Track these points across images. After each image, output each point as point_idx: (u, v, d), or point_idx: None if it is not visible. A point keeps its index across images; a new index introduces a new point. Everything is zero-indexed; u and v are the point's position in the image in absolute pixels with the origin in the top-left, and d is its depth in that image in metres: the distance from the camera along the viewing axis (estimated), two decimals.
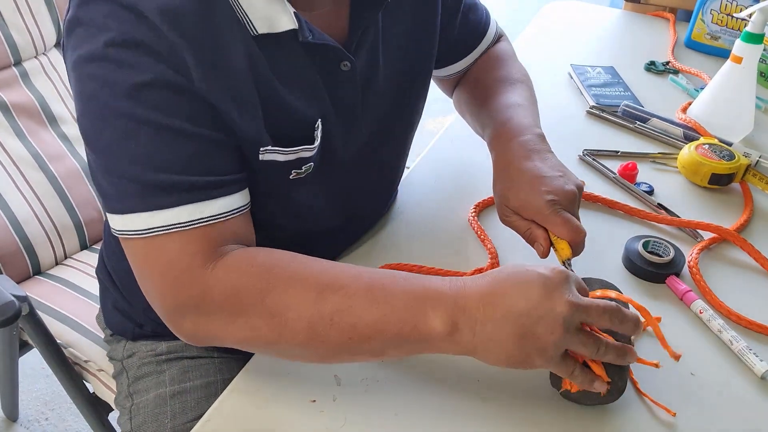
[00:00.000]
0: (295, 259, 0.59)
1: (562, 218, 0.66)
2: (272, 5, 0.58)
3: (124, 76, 0.54)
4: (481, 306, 0.53)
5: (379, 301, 0.55)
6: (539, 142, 0.74)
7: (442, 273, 0.76)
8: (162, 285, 0.59)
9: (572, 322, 0.53)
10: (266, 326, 0.56)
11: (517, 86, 0.85)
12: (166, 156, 0.57)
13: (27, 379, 1.53)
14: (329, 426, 0.60)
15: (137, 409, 0.82)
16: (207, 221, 0.58)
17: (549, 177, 0.69)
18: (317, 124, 0.65)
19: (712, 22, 1.33)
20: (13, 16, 1.04)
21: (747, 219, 0.88)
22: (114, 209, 0.58)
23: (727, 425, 0.62)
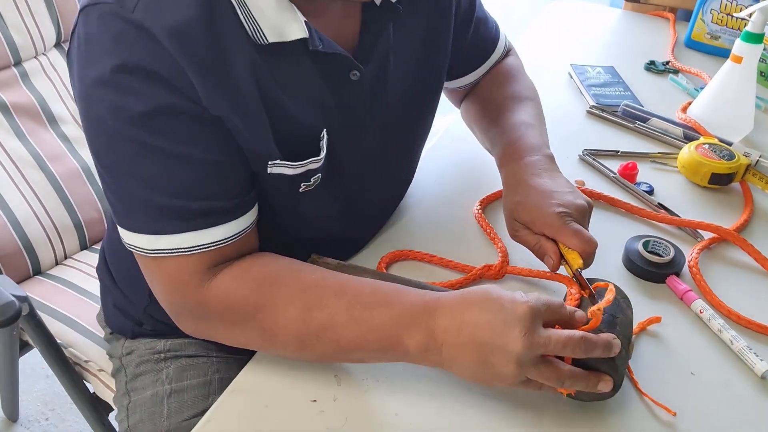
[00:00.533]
0: (284, 273, 0.62)
1: (573, 229, 0.67)
2: (283, 14, 0.58)
3: (132, 103, 0.55)
4: (448, 329, 0.56)
5: (359, 321, 0.59)
6: (548, 163, 0.76)
7: (452, 265, 0.77)
8: (165, 293, 0.64)
9: (527, 358, 0.54)
10: (259, 338, 0.62)
11: (526, 104, 0.85)
12: (172, 182, 0.58)
13: (27, 380, 1.53)
14: (330, 426, 0.60)
15: (134, 406, 0.82)
16: (210, 246, 0.61)
17: (559, 192, 0.70)
18: (322, 134, 0.65)
19: (712, 21, 1.33)
20: (12, 16, 1.04)
21: (747, 219, 0.88)
22: (123, 224, 0.62)
23: (727, 425, 0.62)
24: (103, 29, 0.55)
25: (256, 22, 0.57)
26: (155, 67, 0.54)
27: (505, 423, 0.60)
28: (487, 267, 0.76)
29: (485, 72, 0.90)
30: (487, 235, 0.82)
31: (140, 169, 0.58)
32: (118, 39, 0.54)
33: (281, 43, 0.59)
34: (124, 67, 0.54)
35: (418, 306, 0.58)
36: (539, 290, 0.75)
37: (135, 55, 0.54)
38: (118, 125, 0.56)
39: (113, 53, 0.54)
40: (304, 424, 0.60)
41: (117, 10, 0.54)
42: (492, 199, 0.89)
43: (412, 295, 0.60)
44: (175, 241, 0.59)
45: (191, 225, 0.59)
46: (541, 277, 0.75)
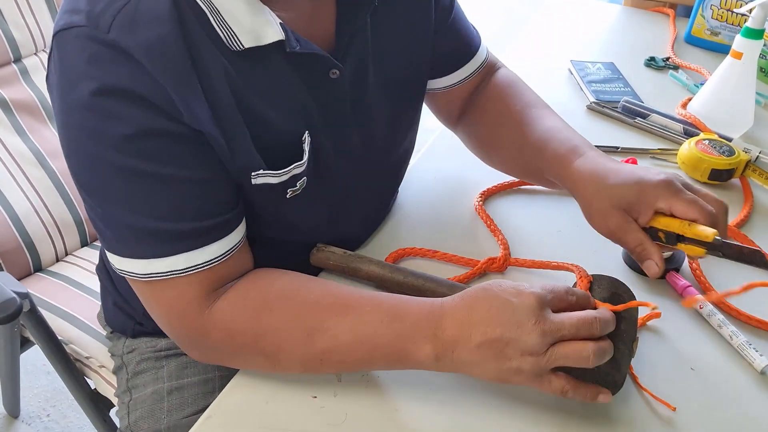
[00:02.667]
0: (282, 296, 0.61)
1: (688, 196, 0.62)
2: (257, 17, 0.57)
3: (111, 127, 0.54)
4: (457, 334, 0.56)
5: (364, 341, 0.58)
6: (604, 155, 0.70)
7: (455, 260, 0.77)
8: (166, 323, 0.63)
9: (543, 346, 0.54)
10: (263, 364, 0.62)
11: (547, 110, 0.80)
12: (159, 205, 0.57)
13: (28, 376, 1.53)
14: (330, 422, 0.60)
15: (135, 404, 0.82)
16: (204, 266, 0.60)
17: (645, 169, 0.65)
18: (304, 137, 0.64)
19: (712, 17, 1.33)
20: (12, 13, 1.04)
21: (747, 214, 0.88)
22: (113, 250, 0.60)
23: (727, 420, 0.62)
24: (78, 52, 0.54)
25: (230, 28, 0.56)
26: (134, 87, 0.53)
27: (505, 417, 0.60)
28: (491, 260, 0.76)
29: (470, 76, 0.83)
30: (488, 227, 0.82)
31: (126, 193, 0.56)
32: (94, 61, 0.53)
33: (257, 47, 0.57)
34: (102, 90, 0.53)
35: (422, 316, 0.58)
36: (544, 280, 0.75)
37: (113, 76, 0.53)
38: (100, 150, 0.55)
39: (91, 77, 0.53)
40: (305, 420, 0.60)
41: (91, 32, 0.53)
42: (493, 192, 0.89)
43: (414, 305, 0.59)
44: (168, 264, 0.58)
45: (183, 246, 0.58)
46: (545, 268, 0.75)
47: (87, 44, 0.53)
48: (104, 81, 0.53)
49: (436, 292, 0.69)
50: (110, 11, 0.53)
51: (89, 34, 0.53)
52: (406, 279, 0.71)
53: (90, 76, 0.53)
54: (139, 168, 0.55)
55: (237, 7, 0.56)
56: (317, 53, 0.61)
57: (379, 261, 0.73)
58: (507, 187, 0.91)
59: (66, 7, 0.56)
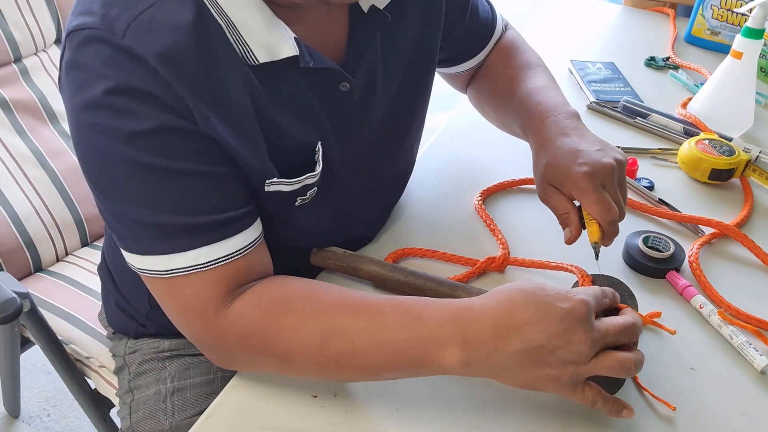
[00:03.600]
0: (298, 297, 0.60)
1: (598, 195, 0.65)
2: (272, 32, 0.57)
3: (125, 124, 0.54)
4: (494, 338, 0.53)
5: (383, 345, 0.55)
6: (574, 120, 0.73)
7: (454, 260, 0.77)
8: (184, 324, 0.62)
9: (589, 355, 0.52)
10: (277, 367, 0.60)
11: (537, 71, 0.84)
12: (178, 199, 0.56)
13: (28, 376, 1.53)
14: (330, 421, 0.60)
15: (137, 404, 0.82)
16: (226, 260, 0.59)
17: (586, 151, 0.68)
18: (317, 148, 0.64)
19: (712, 17, 1.33)
20: (12, 12, 1.04)
21: (747, 214, 0.88)
22: (131, 249, 0.59)
23: (727, 419, 0.62)
24: (91, 54, 0.53)
25: (246, 43, 0.56)
26: (149, 88, 0.53)
27: (506, 417, 0.60)
28: (490, 259, 0.76)
29: (487, 53, 0.88)
30: (488, 227, 0.83)
31: (142, 190, 0.56)
32: (108, 63, 0.53)
33: (272, 62, 0.58)
34: (116, 89, 0.53)
35: (448, 318, 0.54)
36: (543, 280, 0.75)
37: (127, 77, 0.52)
38: (114, 148, 0.54)
39: (104, 76, 0.53)
40: (305, 419, 0.60)
41: (105, 36, 0.52)
42: (493, 191, 0.90)
43: (438, 306, 0.56)
44: (190, 258, 0.57)
45: (204, 239, 0.57)
46: (543, 268, 0.75)
47: (100, 47, 0.53)
48: (118, 81, 0.53)
49: (437, 292, 0.69)
50: (126, 16, 0.53)
51: (103, 37, 0.53)
52: (406, 278, 0.71)
53: (103, 76, 0.53)
54: (154, 163, 0.55)
55: (253, 22, 0.56)
56: (330, 68, 0.61)
57: (379, 261, 0.73)
58: (507, 186, 0.91)
59: (79, 8, 0.56)
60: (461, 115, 1.08)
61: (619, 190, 0.67)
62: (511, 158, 0.96)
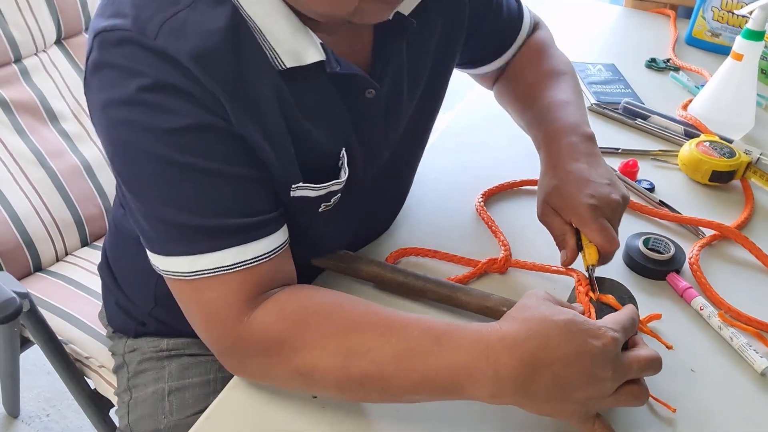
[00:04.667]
0: (322, 311, 0.58)
1: (600, 224, 0.65)
2: (298, 37, 0.57)
3: (160, 121, 0.53)
4: (523, 375, 0.52)
5: (409, 371, 0.54)
6: (589, 146, 0.73)
7: (456, 260, 0.77)
8: (204, 328, 0.60)
9: (611, 390, 0.53)
10: (297, 382, 0.58)
11: (561, 80, 0.83)
12: (209, 200, 0.56)
13: (28, 376, 1.53)
14: (331, 422, 0.60)
15: (135, 403, 0.82)
16: (251, 263, 0.58)
17: (596, 182, 0.68)
18: (342, 154, 0.64)
19: (712, 19, 1.33)
20: (12, 13, 1.04)
21: (748, 216, 0.88)
22: (157, 251, 0.58)
23: (727, 421, 0.62)
24: (123, 55, 0.53)
25: (273, 48, 0.56)
26: (184, 86, 0.52)
27: (506, 417, 0.60)
28: (492, 261, 0.76)
29: (514, 52, 0.87)
30: (489, 228, 0.83)
31: (174, 189, 0.55)
32: (141, 63, 0.52)
33: (299, 67, 0.58)
34: (150, 86, 0.52)
35: (480, 348, 0.53)
36: (543, 283, 0.75)
37: (161, 74, 0.52)
38: (148, 146, 0.54)
39: (138, 74, 0.52)
40: (306, 420, 0.60)
41: (137, 37, 0.52)
42: (494, 192, 0.90)
43: (469, 333, 0.54)
44: (216, 259, 0.57)
45: (231, 241, 0.57)
46: (545, 271, 0.75)
47: (133, 48, 0.52)
48: (152, 77, 0.52)
49: (437, 293, 0.69)
50: (158, 18, 0.52)
51: (134, 39, 0.52)
52: (406, 280, 0.71)
53: (137, 74, 0.53)
54: (186, 162, 0.54)
55: (280, 27, 0.56)
56: (356, 74, 0.61)
57: (380, 262, 0.73)
58: (508, 188, 0.91)
59: (108, 10, 0.55)
60: (462, 116, 1.08)
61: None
62: (512, 159, 0.96)
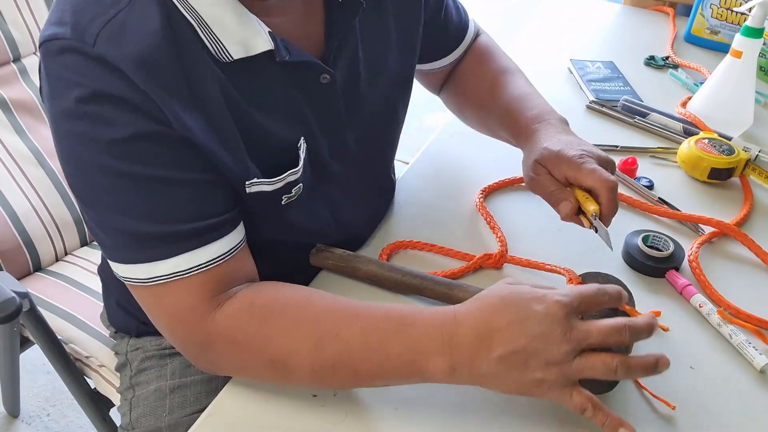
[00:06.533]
0: (290, 302, 0.59)
1: (592, 167, 0.66)
2: (246, 27, 0.56)
3: (102, 132, 0.53)
4: (476, 345, 0.53)
5: (375, 350, 0.56)
6: (566, 126, 0.75)
7: (452, 254, 0.77)
8: (169, 331, 0.61)
9: (568, 357, 0.52)
10: (271, 374, 0.59)
11: (517, 76, 0.85)
12: (160, 207, 0.56)
13: (28, 375, 1.53)
14: (330, 420, 0.60)
15: (137, 401, 0.82)
16: (207, 266, 0.59)
17: (583, 143, 0.70)
18: (300, 144, 0.64)
19: (711, 16, 1.33)
20: (11, 12, 1.04)
21: (747, 213, 0.88)
22: (113, 258, 0.59)
23: (727, 418, 0.62)
24: (63, 64, 0.53)
25: (219, 40, 0.56)
26: (122, 94, 0.52)
27: (505, 416, 0.60)
28: (487, 256, 0.76)
29: (461, 54, 0.89)
30: (488, 224, 0.83)
31: (122, 199, 0.56)
32: (80, 72, 0.53)
33: (247, 58, 0.57)
34: (91, 97, 0.52)
35: (434, 326, 0.55)
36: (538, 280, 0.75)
37: (101, 84, 0.52)
38: (93, 157, 0.54)
39: (77, 84, 0.53)
40: (305, 418, 0.60)
41: (76, 45, 0.52)
42: (494, 188, 0.90)
43: (427, 314, 0.56)
44: (171, 266, 0.57)
45: (183, 246, 0.57)
46: (540, 269, 0.75)
47: (72, 57, 0.53)
48: (92, 88, 0.52)
49: (434, 291, 0.69)
50: (96, 24, 0.52)
51: (74, 47, 0.52)
52: (403, 278, 0.71)
53: (76, 83, 0.53)
54: (133, 172, 0.55)
55: (225, 18, 0.56)
56: (307, 60, 0.61)
57: (378, 260, 0.73)
58: (509, 184, 0.91)
59: (51, 18, 0.55)
60: None
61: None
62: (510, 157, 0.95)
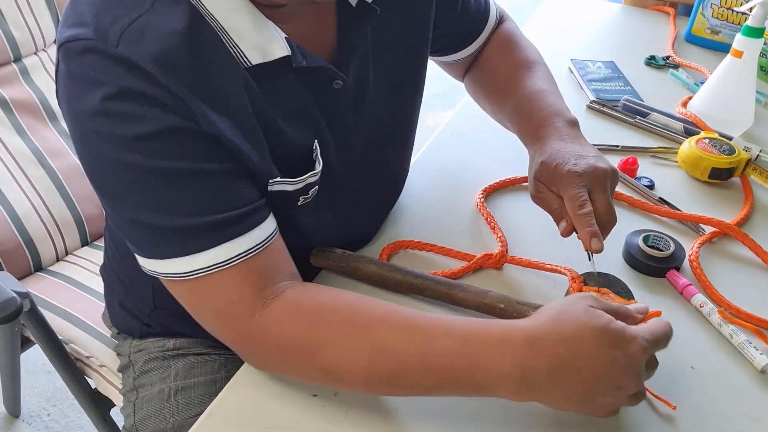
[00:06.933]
0: (338, 307, 0.58)
1: (576, 192, 0.66)
2: (262, 33, 0.57)
3: (129, 129, 0.53)
4: (550, 379, 0.53)
5: (437, 371, 0.54)
6: (574, 129, 0.75)
7: (452, 254, 0.77)
8: (217, 327, 0.61)
9: (640, 386, 0.54)
10: (322, 378, 0.59)
11: (536, 69, 0.84)
12: (192, 200, 0.56)
13: (29, 375, 1.53)
14: (331, 420, 0.60)
15: (141, 402, 0.82)
16: (246, 255, 0.58)
17: (583, 155, 0.69)
18: (314, 147, 0.64)
19: (712, 16, 1.33)
20: (12, 12, 1.04)
21: (747, 213, 0.88)
22: (148, 254, 0.58)
23: (727, 418, 0.62)
24: (86, 64, 0.53)
25: (237, 45, 0.56)
26: (149, 91, 0.52)
27: (506, 416, 0.60)
28: (487, 256, 0.76)
29: (482, 42, 0.88)
30: (488, 224, 0.83)
31: (155, 195, 0.55)
32: (104, 71, 0.52)
33: (265, 63, 0.57)
34: (115, 94, 0.52)
35: (505, 347, 0.53)
36: (538, 280, 0.75)
37: (125, 82, 0.52)
38: (120, 155, 0.54)
39: (102, 84, 0.52)
40: (306, 418, 0.60)
41: (98, 46, 0.52)
42: (495, 188, 0.90)
43: (493, 332, 0.54)
44: (211, 256, 0.56)
45: (223, 236, 0.57)
46: (540, 269, 0.75)
47: (95, 57, 0.52)
48: (116, 86, 0.52)
49: (434, 291, 0.69)
50: (119, 25, 0.52)
51: (97, 48, 0.52)
52: (404, 278, 0.71)
53: (101, 83, 0.52)
54: (163, 166, 0.54)
55: (242, 24, 0.56)
56: (323, 66, 0.61)
57: (378, 261, 0.73)
58: (510, 184, 0.91)
59: (70, 20, 0.55)
60: (461, 114, 1.08)
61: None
62: (511, 157, 0.96)
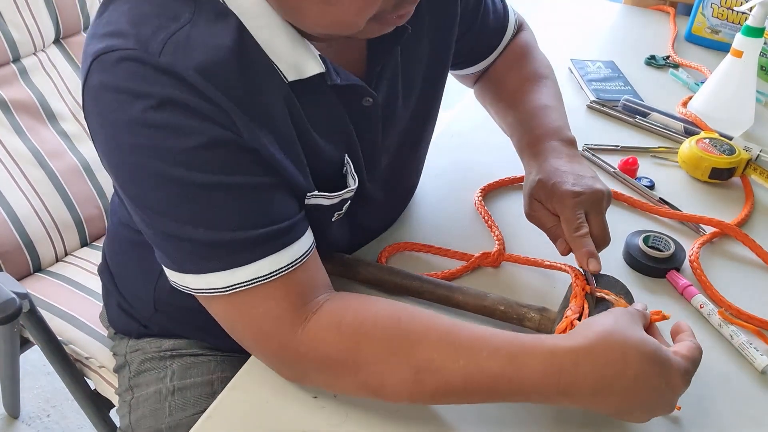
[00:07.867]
0: (381, 322, 0.57)
1: (572, 213, 0.66)
2: (297, 51, 0.57)
3: (171, 141, 0.51)
4: (591, 397, 0.54)
5: (483, 390, 0.55)
6: (571, 148, 0.75)
7: (450, 254, 0.77)
8: (256, 345, 0.60)
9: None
10: (366, 393, 0.58)
11: (542, 85, 0.84)
12: (234, 214, 0.55)
13: (28, 376, 1.53)
14: (330, 422, 0.60)
15: (137, 402, 0.82)
16: (287, 269, 0.57)
17: (581, 175, 0.69)
18: (346, 161, 0.64)
19: (712, 15, 1.33)
20: (11, 12, 1.04)
21: (748, 213, 0.88)
22: (185, 269, 0.57)
23: (728, 419, 0.62)
24: (126, 75, 0.51)
25: (273, 63, 0.56)
26: (192, 103, 0.51)
27: (506, 416, 0.60)
28: (485, 255, 0.76)
29: (497, 55, 0.88)
30: (485, 222, 0.83)
31: (198, 210, 0.54)
32: (145, 81, 0.50)
33: (301, 80, 0.57)
34: (158, 105, 0.50)
35: (553, 370, 0.53)
36: (537, 277, 0.76)
37: (168, 92, 0.50)
38: (163, 168, 0.52)
39: (143, 94, 0.50)
40: (305, 420, 0.60)
41: (140, 55, 0.50)
42: (494, 187, 0.90)
43: (540, 352, 0.54)
44: (252, 271, 0.55)
45: (264, 251, 0.56)
46: (538, 266, 0.75)
47: (135, 66, 0.51)
48: (159, 97, 0.50)
49: (434, 294, 0.69)
50: (161, 36, 0.51)
51: (137, 57, 0.50)
52: (404, 281, 0.71)
53: (141, 93, 0.51)
54: (207, 181, 0.53)
55: (279, 41, 0.56)
56: (356, 84, 0.61)
57: (377, 264, 0.74)
58: (508, 183, 0.91)
59: (102, 30, 0.54)
60: (461, 115, 1.08)
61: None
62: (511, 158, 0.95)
